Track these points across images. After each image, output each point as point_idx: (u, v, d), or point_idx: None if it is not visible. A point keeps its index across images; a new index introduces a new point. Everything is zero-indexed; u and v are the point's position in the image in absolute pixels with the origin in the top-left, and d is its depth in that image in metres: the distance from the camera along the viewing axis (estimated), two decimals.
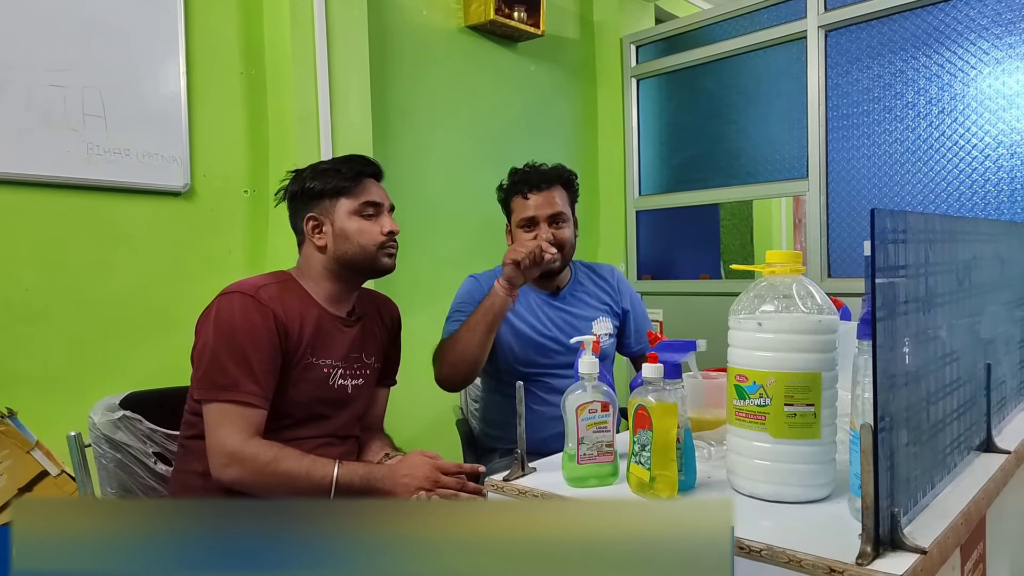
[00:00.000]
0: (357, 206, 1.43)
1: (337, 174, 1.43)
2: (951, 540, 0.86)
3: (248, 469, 1.27)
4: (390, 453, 1.51)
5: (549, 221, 1.79)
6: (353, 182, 1.43)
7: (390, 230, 1.44)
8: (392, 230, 1.45)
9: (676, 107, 3.32)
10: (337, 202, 1.43)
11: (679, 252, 3.58)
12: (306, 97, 2.18)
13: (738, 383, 0.99)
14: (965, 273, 1.08)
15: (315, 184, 1.43)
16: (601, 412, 1.10)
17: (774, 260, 1.01)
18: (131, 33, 1.90)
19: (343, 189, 1.43)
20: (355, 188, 1.43)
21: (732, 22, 3.07)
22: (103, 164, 1.85)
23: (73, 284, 1.82)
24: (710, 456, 1.20)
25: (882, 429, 0.78)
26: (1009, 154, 2.38)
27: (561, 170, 1.85)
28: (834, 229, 2.77)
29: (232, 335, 1.31)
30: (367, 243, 1.43)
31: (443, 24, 2.72)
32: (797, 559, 0.80)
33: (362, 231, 1.42)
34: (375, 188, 1.47)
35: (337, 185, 1.42)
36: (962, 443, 1.09)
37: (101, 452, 1.39)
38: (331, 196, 1.43)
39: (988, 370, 1.20)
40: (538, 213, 1.78)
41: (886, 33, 2.62)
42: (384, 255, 1.45)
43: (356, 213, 1.43)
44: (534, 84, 3.08)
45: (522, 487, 1.11)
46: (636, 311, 1.98)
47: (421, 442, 2.08)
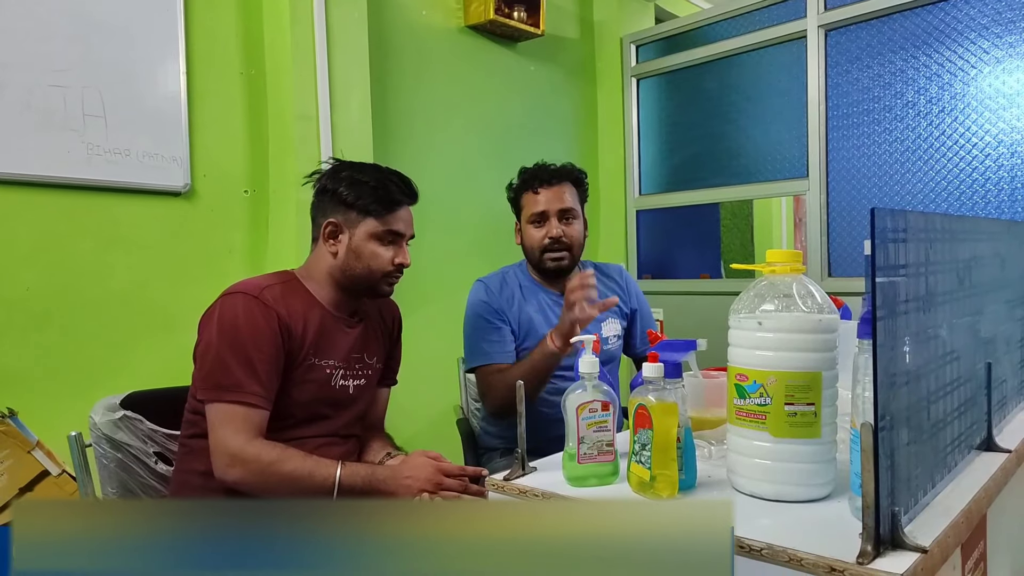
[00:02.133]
0: (380, 231, 1.41)
1: (373, 193, 1.40)
2: (952, 539, 0.86)
3: (251, 470, 1.27)
4: (391, 453, 1.51)
5: (559, 216, 1.79)
6: (386, 208, 1.41)
7: (400, 262, 1.43)
8: (403, 263, 1.43)
9: (676, 106, 3.32)
10: (363, 219, 1.40)
11: (679, 251, 3.57)
12: (306, 97, 2.18)
13: (738, 382, 0.99)
14: (965, 272, 1.08)
15: (349, 194, 1.40)
16: (601, 411, 1.10)
17: (774, 259, 1.01)
18: (131, 33, 1.90)
19: (373, 211, 1.40)
20: (385, 214, 1.41)
21: (732, 21, 3.07)
22: (103, 164, 1.85)
23: (74, 284, 1.82)
24: (710, 455, 1.20)
25: (882, 428, 0.78)
26: (1009, 153, 2.38)
27: (571, 168, 1.86)
28: (834, 228, 2.77)
29: (235, 336, 1.31)
30: (376, 269, 1.42)
31: (443, 24, 2.72)
32: (798, 558, 0.80)
33: (376, 256, 1.41)
34: (404, 217, 1.44)
35: (369, 205, 1.40)
36: (963, 442, 1.09)
37: (102, 452, 1.39)
38: (360, 211, 1.40)
39: (988, 369, 1.20)
40: (548, 207, 1.79)
41: (886, 32, 2.61)
42: (385, 283, 1.44)
43: (376, 237, 1.41)
44: (534, 84, 3.08)
45: (522, 486, 1.11)
46: (643, 311, 1.98)
47: (422, 441, 2.08)
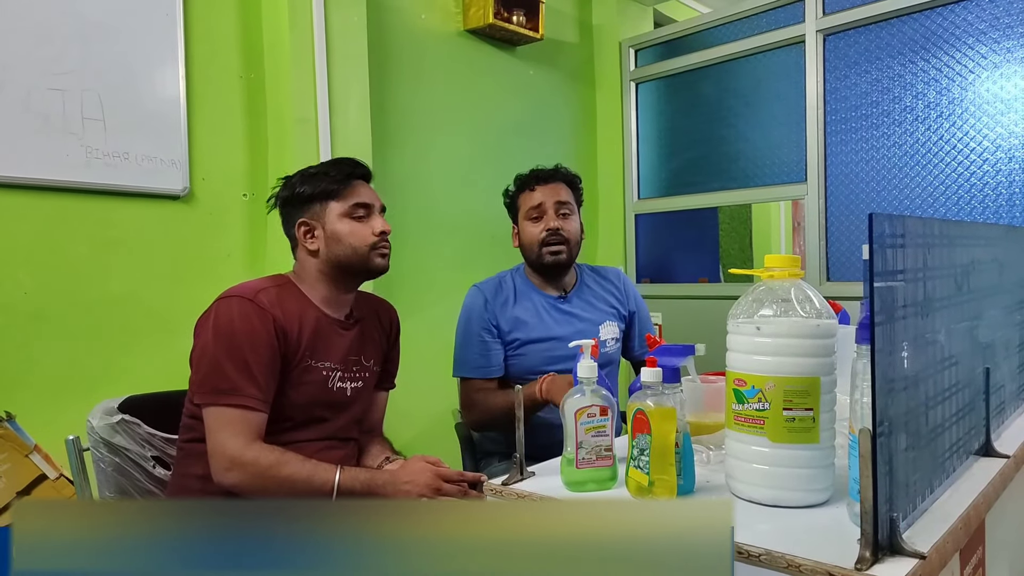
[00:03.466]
0: (347, 208, 1.43)
1: (326, 177, 1.43)
2: (950, 545, 0.86)
3: (249, 473, 1.27)
4: (390, 457, 1.51)
5: (556, 209, 1.81)
6: (342, 184, 1.43)
7: (381, 230, 1.44)
8: (383, 230, 1.45)
9: (675, 111, 3.33)
10: (327, 205, 1.43)
11: (678, 256, 3.58)
12: (305, 101, 2.18)
13: (737, 387, 0.99)
14: (963, 277, 1.09)
15: (304, 188, 1.43)
16: (600, 416, 1.10)
17: (773, 264, 1.01)
18: (130, 36, 1.90)
19: (332, 192, 1.43)
20: (344, 190, 1.43)
21: (731, 26, 3.07)
22: (102, 168, 1.85)
23: (72, 288, 1.82)
24: (709, 460, 1.20)
25: (881, 434, 0.78)
26: (1007, 158, 2.39)
27: (566, 170, 1.89)
28: (833, 233, 2.77)
29: (231, 339, 1.31)
30: (359, 244, 1.43)
31: (442, 28, 2.72)
32: (796, 564, 0.80)
33: (353, 233, 1.42)
34: (364, 189, 1.47)
35: (326, 188, 1.43)
36: (961, 447, 1.09)
37: (99, 456, 1.39)
38: (321, 199, 1.43)
39: (987, 374, 1.20)
40: (545, 200, 1.82)
41: (884, 37, 2.62)
42: (376, 255, 1.45)
43: (346, 215, 1.43)
44: (533, 88, 3.08)
45: (521, 491, 1.11)
46: (641, 314, 1.98)
47: (420, 445, 2.08)
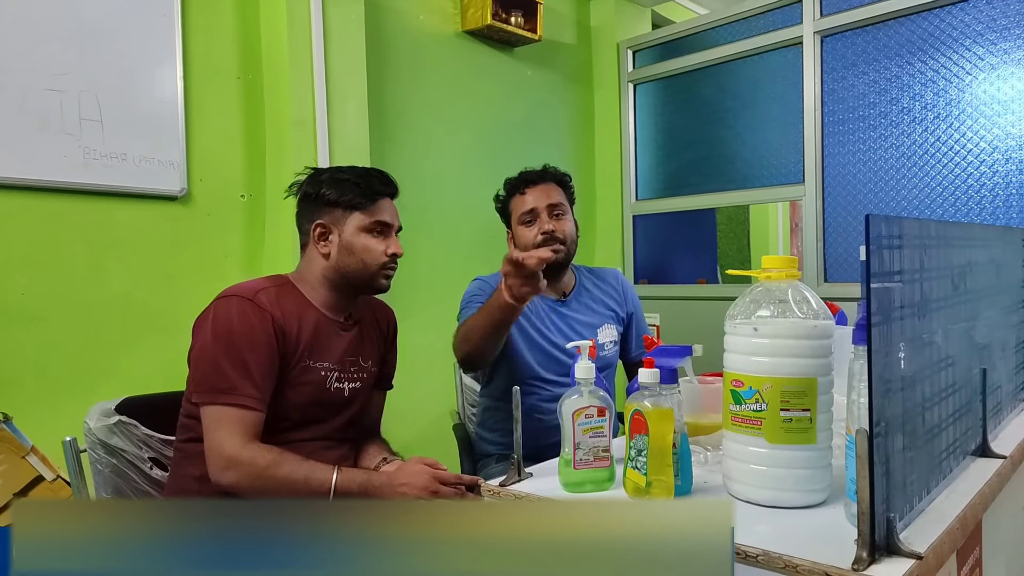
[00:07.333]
0: (368, 223, 1.43)
1: (356, 188, 1.43)
2: (947, 545, 0.87)
3: (246, 473, 1.27)
4: (387, 458, 1.51)
5: (549, 211, 1.80)
6: (369, 200, 1.44)
7: (394, 252, 1.45)
8: (396, 252, 1.45)
9: (673, 112, 3.33)
10: (349, 215, 1.43)
11: (676, 257, 3.58)
12: (303, 102, 2.18)
13: (734, 388, 0.99)
14: (960, 278, 1.09)
15: (331, 193, 1.43)
16: (597, 417, 1.10)
17: (770, 265, 1.01)
18: (128, 38, 1.90)
19: (358, 204, 1.43)
20: (370, 206, 1.44)
21: (728, 27, 3.08)
22: (100, 168, 1.85)
23: (69, 288, 1.82)
24: (706, 461, 1.20)
25: (878, 434, 0.79)
26: (1004, 159, 2.39)
27: (555, 170, 1.88)
28: (830, 234, 2.78)
29: (230, 338, 1.31)
30: (370, 261, 1.43)
31: (440, 29, 2.72)
32: (793, 564, 0.80)
33: (367, 249, 1.43)
34: (389, 208, 1.47)
35: (353, 199, 1.42)
36: (958, 448, 1.09)
37: (96, 457, 1.38)
38: (345, 208, 1.43)
39: (983, 375, 1.20)
40: (537, 204, 1.80)
41: (881, 39, 2.63)
42: (382, 276, 1.46)
43: (365, 230, 1.43)
44: (531, 89, 3.08)
45: (518, 492, 1.11)
46: (638, 315, 1.98)
47: (418, 446, 2.08)
